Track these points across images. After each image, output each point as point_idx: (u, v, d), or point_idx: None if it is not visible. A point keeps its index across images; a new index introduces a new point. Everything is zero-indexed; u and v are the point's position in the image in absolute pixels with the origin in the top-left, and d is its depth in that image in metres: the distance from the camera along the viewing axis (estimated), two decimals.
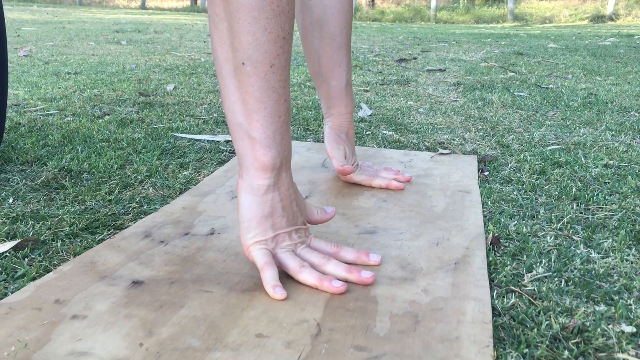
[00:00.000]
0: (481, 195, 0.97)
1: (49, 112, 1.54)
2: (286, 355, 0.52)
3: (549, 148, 1.29)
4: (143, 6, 11.84)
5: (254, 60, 0.62)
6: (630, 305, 0.64)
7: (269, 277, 0.64)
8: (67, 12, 7.80)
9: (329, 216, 0.77)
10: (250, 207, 0.67)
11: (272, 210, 0.67)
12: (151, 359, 0.51)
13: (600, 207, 0.93)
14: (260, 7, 0.60)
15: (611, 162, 1.18)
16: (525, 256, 0.76)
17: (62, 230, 0.80)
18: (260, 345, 0.54)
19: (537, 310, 0.62)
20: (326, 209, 0.77)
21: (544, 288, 0.67)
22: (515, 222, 0.87)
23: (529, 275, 0.70)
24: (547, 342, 0.57)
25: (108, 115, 1.54)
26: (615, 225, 0.86)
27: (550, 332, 0.58)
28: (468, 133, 1.44)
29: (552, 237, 0.82)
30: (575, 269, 0.72)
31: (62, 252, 0.74)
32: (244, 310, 0.60)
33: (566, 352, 0.55)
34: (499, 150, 1.28)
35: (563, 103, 1.87)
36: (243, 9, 0.60)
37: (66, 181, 0.99)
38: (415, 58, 3.24)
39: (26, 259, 0.72)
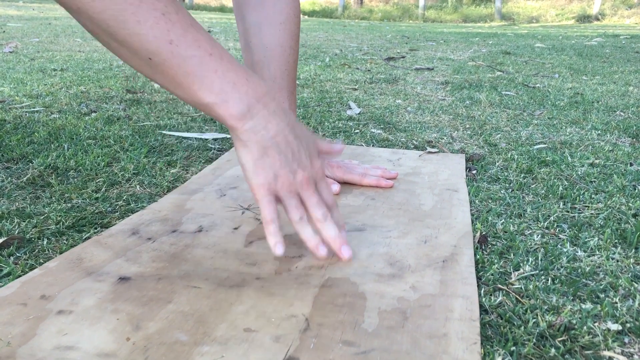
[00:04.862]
0: (469, 194, 0.98)
1: (35, 109, 1.53)
2: (274, 350, 0.52)
3: (535, 147, 1.30)
4: None
5: (152, 51, 0.57)
6: (616, 303, 0.65)
7: (272, 232, 0.66)
8: (53, 8, 7.73)
9: (335, 149, 0.76)
10: (244, 155, 0.65)
11: (265, 151, 0.65)
12: (138, 353, 0.51)
13: (586, 206, 0.94)
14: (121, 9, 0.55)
15: (597, 161, 1.19)
16: (512, 254, 0.76)
17: (49, 229, 0.79)
18: (249, 339, 0.54)
19: (524, 308, 0.63)
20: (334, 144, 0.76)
21: (531, 286, 0.67)
22: (503, 220, 0.87)
23: (516, 273, 0.71)
24: (534, 340, 0.57)
25: (95, 112, 1.53)
26: (601, 223, 0.87)
27: (537, 330, 0.59)
28: (456, 132, 1.45)
29: (539, 236, 0.82)
30: (561, 267, 0.73)
31: (48, 251, 0.73)
32: (232, 305, 0.60)
33: (553, 350, 0.56)
34: (486, 149, 1.28)
35: (550, 102, 1.88)
36: (110, 20, 0.55)
37: (52, 179, 0.98)
38: (403, 57, 3.25)
39: (12, 258, 0.71)
